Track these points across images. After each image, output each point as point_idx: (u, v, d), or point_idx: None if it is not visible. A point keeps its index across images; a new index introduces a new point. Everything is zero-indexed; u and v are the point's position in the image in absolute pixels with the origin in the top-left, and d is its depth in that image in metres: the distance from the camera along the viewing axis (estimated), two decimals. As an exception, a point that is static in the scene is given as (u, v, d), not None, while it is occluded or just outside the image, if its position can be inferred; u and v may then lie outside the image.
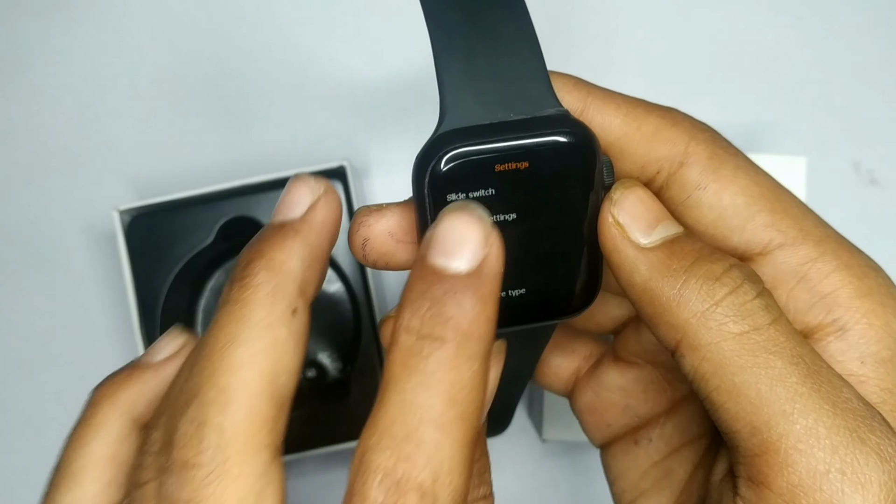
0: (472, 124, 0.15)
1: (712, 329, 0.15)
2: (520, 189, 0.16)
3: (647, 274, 0.16)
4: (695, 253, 0.16)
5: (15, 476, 0.41)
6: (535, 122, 0.15)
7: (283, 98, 0.42)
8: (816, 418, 0.15)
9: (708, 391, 0.15)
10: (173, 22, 0.42)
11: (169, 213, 0.35)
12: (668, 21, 0.42)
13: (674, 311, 0.15)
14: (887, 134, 0.42)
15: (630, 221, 0.16)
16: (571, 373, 0.23)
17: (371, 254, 0.17)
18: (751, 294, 0.15)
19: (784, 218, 0.17)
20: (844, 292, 0.17)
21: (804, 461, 0.14)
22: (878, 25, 0.42)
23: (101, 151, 0.42)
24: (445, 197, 0.15)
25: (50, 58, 0.42)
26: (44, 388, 0.41)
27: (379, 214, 0.17)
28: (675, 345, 0.16)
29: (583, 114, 0.17)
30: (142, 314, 0.35)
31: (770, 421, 0.15)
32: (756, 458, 0.15)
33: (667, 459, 0.20)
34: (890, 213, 0.41)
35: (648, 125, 0.17)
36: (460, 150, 0.15)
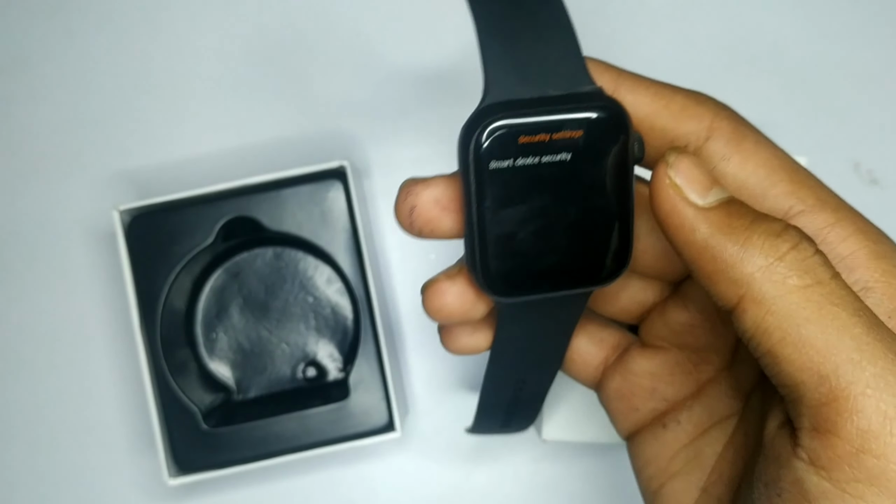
0: (514, 98, 0.16)
1: (777, 282, 0.16)
2: (556, 159, 0.16)
3: (707, 231, 0.16)
4: (751, 213, 0.16)
5: (15, 476, 0.41)
6: (571, 97, 0.16)
7: (284, 97, 0.42)
8: (884, 366, 0.15)
9: (771, 344, 0.16)
10: (173, 22, 0.42)
11: (169, 213, 0.35)
12: (668, 21, 0.42)
13: (738, 266, 0.16)
14: (887, 134, 0.42)
15: (686, 183, 0.17)
16: (600, 362, 0.23)
17: (417, 221, 0.18)
18: (811, 251, 0.16)
19: (802, 187, 0.18)
20: (862, 254, 0.17)
21: (874, 406, 0.15)
22: (878, 25, 0.42)
23: (101, 151, 0.42)
24: (488, 164, 0.16)
25: (50, 57, 0.42)
26: (43, 387, 0.41)
27: (425, 184, 0.18)
28: (736, 300, 0.16)
29: (614, 93, 0.18)
30: (142, 314, 0.35)
31: (838, 369, 0.15)
32: (823, 406, 0.15)
33: (696, 441, 0.21)
34: (890, 213, 0.41)
35: (676, 103, 0.18)
36: (502, 122, 0.16)
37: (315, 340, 0.39)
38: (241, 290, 0.38)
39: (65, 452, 0.41)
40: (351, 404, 0.35)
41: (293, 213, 0.36)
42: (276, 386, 0.38)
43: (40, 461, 0.41)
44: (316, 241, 0.36)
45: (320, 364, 0.39)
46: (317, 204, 0.36)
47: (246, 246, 0.38)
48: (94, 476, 0.41)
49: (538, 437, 0.35)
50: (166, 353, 0.35)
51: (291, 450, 0.35)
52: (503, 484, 0.41)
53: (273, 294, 0.38)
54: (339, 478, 0.41)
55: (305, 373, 0.39)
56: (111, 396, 0.41)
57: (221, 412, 0.37)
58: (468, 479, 0.41)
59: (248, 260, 0.38)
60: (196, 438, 0.35)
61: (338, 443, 0.35)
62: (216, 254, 0.38)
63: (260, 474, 0.41)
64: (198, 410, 0.35)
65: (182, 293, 0.37)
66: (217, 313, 0.38)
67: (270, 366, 0.38)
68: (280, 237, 0.37)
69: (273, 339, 0.38)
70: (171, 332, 0.36)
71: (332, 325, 0.39)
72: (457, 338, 0.21)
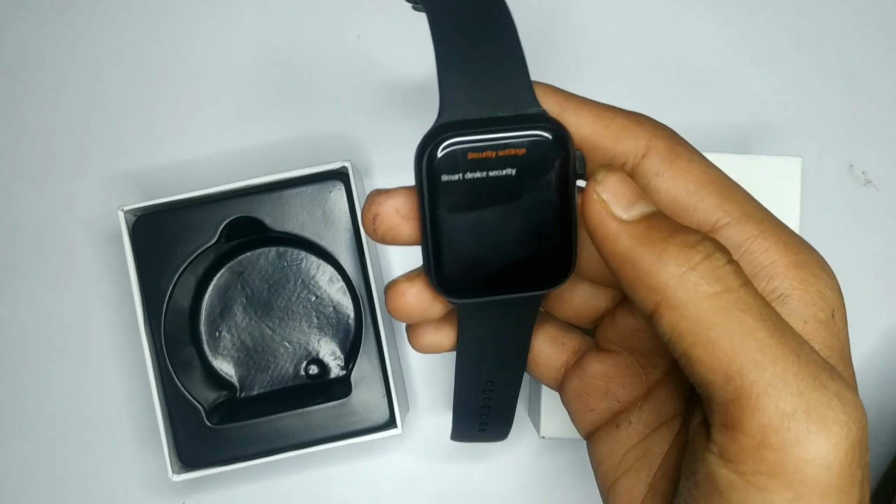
0: (465, 118, 0.18)
1: (689, 289, 0.17)
2: (502, 173, 0.18)
3: (628, 243, 0.18)
4: (670, 226, 0.18)
5: (22, 472, 0.42)
6: (517, 118, 0.18)
7: (287, 99, 0.42)
8: (784, 366, 0.16)
9: (685, 346, 0.17)
10: (177, 24, 0.43)
11: (173, 213, 0.36)
12: (665, 24, 0.42)
13: (654, 274, 0.17)
14: (881, 135, 0.42)
15: (612, 199, 0.18)
16: (561, 364, 0.24)
17: (380, 227, 0.20)
18: (722, 260, 0.17)
19: (730, 201, 0.19)
20: (782, 263, 0.19)
21: (773, 403, 0.16)
22: (871, 28, 0.42)
23: (106, 152, 0.42)
24: (440, 177, 0.18)
25: (55, 59, 0.43)
26: (49, 385, 0.42)
27: (388, 195, 0.20)
28: (654, 306, 0.17)
29: (560, 115, 0.20)
30: (146, 312, 0.36)
31: (742, 369, 0.16)
32: (729, 403, 0.16)
33: (645, 440, 0.22)
34: (883, 214, 0.42)
35: (616, 124, 0.20)
36: (453, 139, 0.18)
37: (317, 338, 0.39)
38: (245, 289, 0.39)
39: (70, 449, 0.41)
40: (353, 401, 0.36)
41: (296, 213, 0.36)
42: (278, 383, 0.39)
43: (46, 458, 0.42)
44: (318, 240, 0.36)
45: (322, 362, 0.39)
46: (319, 204, 0.36)
47: (249, 246, 0.38)
48: (99, 472, 0.41)
49: (537, 435, 0.36)
50: (170, 351, 0.36)
51: (294, 446, 0.35)
52: (503, 479, 0.42)
53: (276, 293, 0.39)
54: (341, 474, 0.41)
55: (308, 370, 0.39)
56: (116, 394, 0.42)
57: (225, 409, 0.37)
58: (468, 474, 0.42)
59: (251, 259, 0.39)
60: (200, 435, 0.36)
61: (340, 439, 0.35)
62: (220, 253, 0.38)
63: (263, 470, 0.41)
64: (202, 407, 0.36)
65: (186, 292, 0.37)
66: (221, 312, 0.39)
67: (273, 364, 0.39)
68: (283, 237, 0.37)
69: (276, 338, 0.39)
70: (175, 330, 0.36)
71: (334, 323, 0.39)
72: (422, 335, 0.22)
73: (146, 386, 0.41)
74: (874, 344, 0.42)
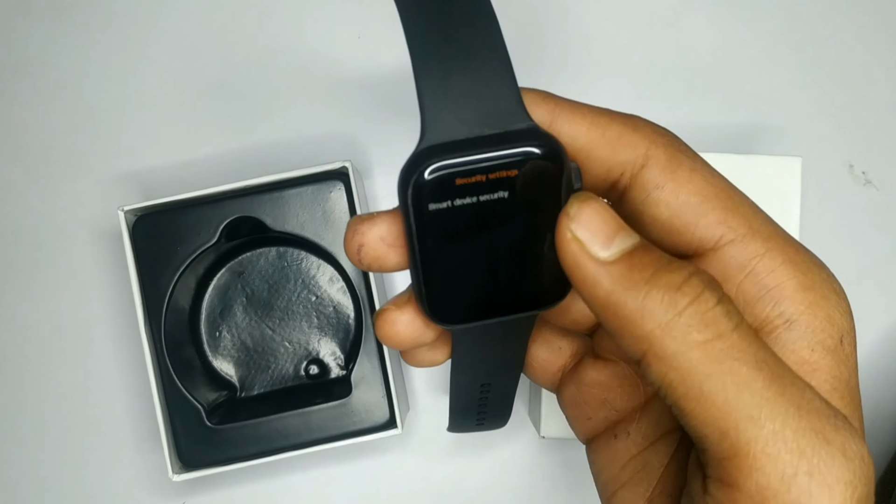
0: (450, 140, 0.16)
1: (677, 339, 0.15)
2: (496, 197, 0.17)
3: (609, 287, 0.16)
4: (654, 263, 0.16)
5: (22, 472, 0.42)
6: (507, 135, 0.17)
7: (287, 99, 0.42)
8: (783, 422, 0.15)
9: (675, 398, 0.16)
10: (178, 24, 0.43)
11: (174, 213, 0.36)
12: (665, 25, 0.42)
13: (638, 323, 0.16)
14: (881, 136, 0.42)
15: (588, 236, 0.16)
16: (558, 368, 0.23)
17: (365, 258, 0.18)
18: (712, 301, 0.16)
19: (735, 216, 0.18)
20: (789, 285, 0.17)
21: (772, 464, 0.15)
22: (871, 28, 0.42)
23: (106, 152, 0.42)
24: (427, 206, 0.17)
25: (56, 59, 0.43)
26: (50, 385, 0.42)
27: (371, 223, 0.18)
28: (640, 355, 0.16)
29: (551, 125, 0.18)
30: (147, 313, 0.36)
31: (738, 426, 0.15)
32: (725, 461, 0.15)
33: (644, 452, 0.21)
34: (883, 214, 0.42)
35: (612, 131, 0.18)
36: (439, 164, 0.16)
37: (317, 339, 0.39)
38: (245, 289, 0.39)
39: (71, 449, 0.42)
40: (353, 401, 0.36)
41: (296, 213, 0.36)
42: (279, 383, 0.39)
43: (46, 458, 0.42)
44: (318, 240, 0.36)
45: (323, 362, 0.39)
46: (319, 204, 0.36)
47: (249, 246, 0.39)
48: (99, 472, 0.41)
49: (537, 435, 0.36)
50: (171, 351, 0.36)
51: (294, 446, 0.35)
52: (503, 479, 0.42)
53: (276, 293, 0.39)
54: (341, 474, 0.42)
55: (308, 370, 0.39)
56: (117, 394, 0.42)
57: (225, 409, 0.37)
58: (468, 474, 0.42)
59: (251, 259, 0.39)
60: (200, 435, 0.36)
61: (340, 439, 0.35)
62: (220, 253, 0.38)
63: (263, 470, 0.41)
64: (202, 408, 0.36)
65: (186, 292, 0.37)
66: (221, 312, 0.39)
67: (273, 364, 0.39)
68: (283, 237, 0.37)
69: (276, 338, 0.39)
70: (175, 330, 0.36)
71: (334, 323, 0.39)
72: (415, 354, 0.21)
73: (146, 386, 0.41)
74: (874, 344, 0.42)
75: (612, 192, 0.19)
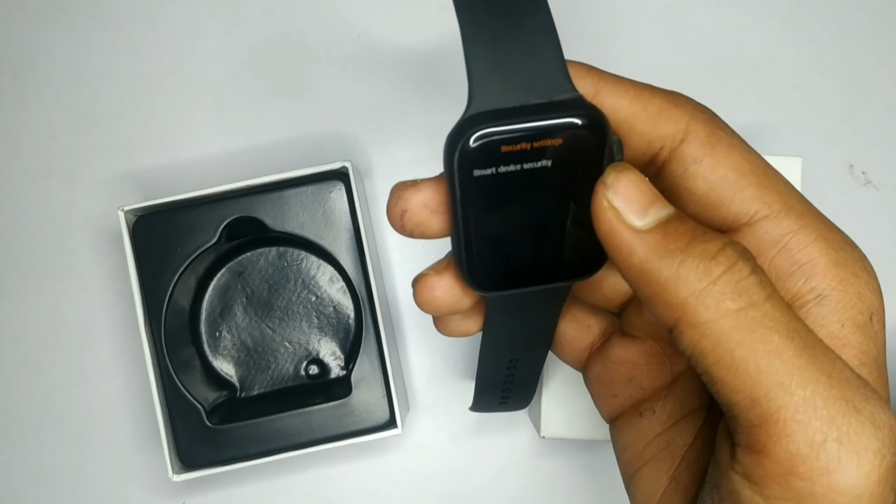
0: (497, 107, 0.17)
1: (710, 306, 0.16)
2: (539, 165, 0.17)
3: (644, 255, 0.16)
4: (689, 233, 0.16)
5: (22, 471, 0.42)
6: (552, 105, 0.17)
7: (287, 99, 0.42)
8: (814, 390, 0.15)
9: (707, 366, 0.16)
10: (177, 25, 0.43)
11: (174, 213, 0.36)
12: (666, 24, 0.42)
13: (672, 290, 0.16)
14: (881, 136, 0.42)
15: (624, 205, 0.17)
16: (586, 346, 0.24)
17: (408, 224, 0.19)
18: (745, 271, 0.16)
19: (770, 192, 0.18)
20: (821, 262, 0.18)
21: (802, 431, 0.15)
22: (871, 28, 0.42)
23: (106, 152, 0.42)
24: (472, 172, 0.17)
25: (55, 59, 0.43)
26: (50, 384, 0.42)
27: (415, 188, 0.18)
28: (673, 322, 0.16)
29: (595, 97, 0.18)
30: (147, 312, 0.36)
31: (769, 393, 0.15)
32: (755, 428, 0.16)
33: (668, 431, 0.21)
34: (884, 214, 0.42)
35: (654, 105, 0.19)
36: (486, 131, 0.16)
37: (317, 338, 0.39)
38: (245, 289, 0.39)
39: (71, 449, 0.42)
40: (353, 401, 0.36)
41: (296, 213, 0.36)
42: (279, 383, 0.39)
43: (46, 457, 0.42)
44: (318, 240, 0.36)
45: (323, 362, 0.39)
46: (319, 204, 0.36)
47: (249, 246, 0.39)
48: (99, 472, 0.41)
49: (537, 435, 0.36)
50: (171, 351, 0.36)
51: (294, 446, 0.35)
52: (503, 479, 0.42)
53: (276, 293, 0.39)
54: (341, 474, 0.42)
55: (308, 370, 0.39)
56: (116, 394, 0.42)
57: (225, 409, 0.37)
58: (469, 474, 0.42)
59: (251, 259, 0.39)
60: (200, 435, 0.36)
61: (340, 439, 0.35)
62: (220, 253, 0.38)
63: (263, 470, 0.41)
64: (202, 408, 0.36)
65: (186, 292, 0.37)
66: (221, 312, 0.39)
67: (273, 364, 0.39)
68: (283, 237, 0.37)
69: (276, 338, 0.39)
70: (175, 330, 0.36)
71: (334, 323, 0.39)
72: (449, 322, 0.21)
73: (146, 386, 0.41)
74: (874, 344, 0.42)
75: (651, 166, 0.19)
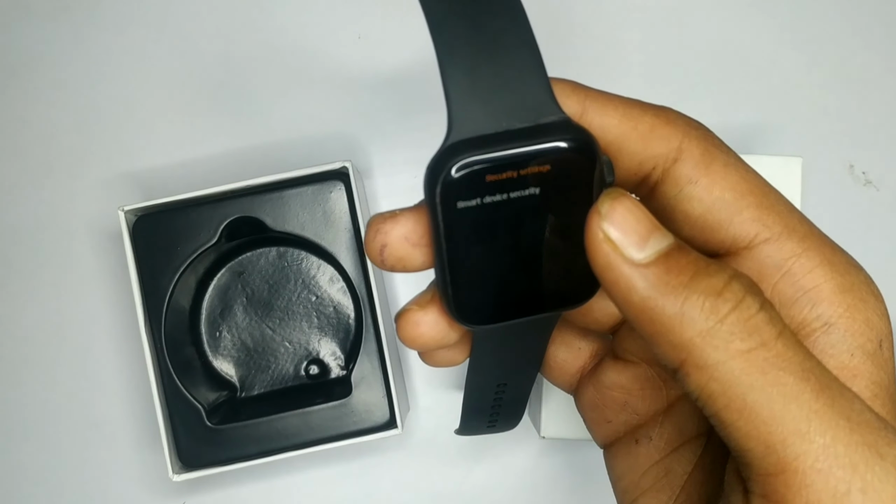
0: (479, 134, 0.16)
1: (719, 347, 0.15)
2: (527, 193, 0.16)
3: (645, 292, 0.15)
4: (692, 266, 0.15)
5: (22, 471, 0.42)
6: (538, 129, 0.16)
7: (287, 99, 0.42)
8: (834, 436, 0.14)
9: (717, 409, 0.15)
10: (178, 24, 0.43)
11: (174, 213, 0.36)
12: (666, 24, 0.42)
13: (676, 330, 0.15)
14: (882, 136, 0.42)
15: (622, 237, 0.15)
16: (577, 369, 0.23)
17: (389, 259, 0.17)
18: (754, 308, 0.15)
19: (770, 214, 0.17)
20: (827, 287, 0.17)
21: (823, 481, 0.14)
22: (871, 28, 0.42)
23: (106, 152, 0.42)
24: (456, 204, 0.16)
25: (56, 59, 0.43)
26: (50, 385, 0.42)
27: (394, 221, 0.17)
28: (678, 364, 0.15)
29: (582, 116, 0.17)
30: (147, 313, 0.36)
31: (786, 440, 0.14)
32: (771, 477, 0.15)
33: (666, 458, 0.20)
34: (884, 214, 0.42)
35: (644, 124, 0.18)
36: (468, 160, 0.16)
37: (318, 339, 0.39)
38: (245, 290, 0.39)
39: (71, 449, 0.42)
40: (353, 401, 0.36)
41: (296, 213, 0.36)
42: (279, 383, 0.39)
43: (47, 457, 0.42)
44: (319, 240, 0.36)
45: (323, 362, 0.39)
46: (320, 204, 0.36)
47: (250, 246, 0.39)
48: (99, 472, 0.41)
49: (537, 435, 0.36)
50: (171, 351, 0.36)
51: (294, 446, 0.35)
52: (503, 479, 0.42)
53: (276, 293, 0.39)
54: (341, 474, 0.42)
55: (308, 370, 0.39)
56: (117, 394, 0.42)
57: (225, 409, 0.37)
58: (469, 474, 0.42)
59: (251, 259, 0.39)
60: (200, 435, 0.36)
61: (340, 440, 0.35)
62: (220, 253, 0.38)
63: (263, 470, 0.41)
64: (202, 408, 0.36)
65: (187, 292, 0.37)
66: (221, 312, 0.39)
67: (274, 364, 0.39)
68: (283, 237, 0.37)
69: (276, 338, 0.39)
70: (175, 330, 0.36)
71: (334, 323, 0.39)
72: (434, 354, 0.20)
73: (146, 386, 0.41)
74: (874, 344, 0.42)
75: (643, 187, 0.18)
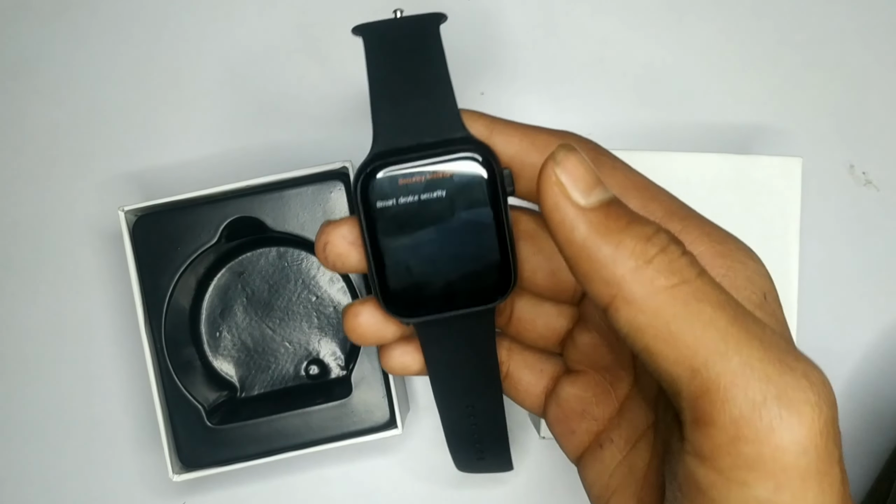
0: (395, 146, 0.19)
1: (646, 283, 0.16)
2: (435, 196, 0.19)
3: (585, 232, 0.17)
4: (627, 216, 0.17)
5: (23, 471, 0.42)
6: (443, 143, 0.19)
7: (287, 99, 0.42)
8: (749, 353, 0.16)
9: (645, 342, 0.17)
10: (178, 24, 0.43)
11: (174, 214, 0.36)
12: (666, 25, 0.42)
13: (610, 267, 0.17)
14: (882, 136, 0.42)
15: (570, 182, 0.17)
16: (541, 391, 0.24)
17: (330, 255, 0.20)
18: (678, 252, 0.17)
19: (653, 202, 0.20)
20: (707, 253, 0.19)
21: (742, 394, 0.16)
22: (871, 28, 0.42)
23: (107, 153, 0.42)
24: (375, 204, 0.19)
25: (56, 59, 0.43)
26: (50, 385, 0.42)
27: (336, 224, 0.20)
28: (609, 300, 0.17)
29: (488, 138, 0.20)
30: (147, 313, 0.36)
31: (707, 361, 0.16)
32: (698, 399, 0.16)
33: (628, 456, 0.22)
34: (884, 214, 0.42)
35: (541, 140, 0.20)
36: (384, 167, 0.19)
37: (318, 339, 0.39)
38: (245, 290, 0.39)
39: (71, 449, 0.42)
40: (353, 402, 0.36)
41: (296, 213, 0.36)
42: (279, 384, 0.39)
43: (47, 457, 0.42)
44: (319, 240, 0.36)
45: (323, 362, 0.39)
46: (320, 204, 0.36)
47: (250, 246, 0.39)
48: (99, 472, 0.42)
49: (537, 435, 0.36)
50: (171, 351, 0.36)
51: (294, 446, 0.35)
52: (503, 479, 0.42)
53: (276, 293, 0.39)
54: (341, 474, 0.42)
55: (308, 371, 0.39)
56: (117, 394, 0.42)
57: (225, 409, 0.37)
58: (468, 475, 0.42)
59: (251, 260, 0.39)
60: (200, 435, 0.36)
61: (340, 440, 0.35)
62: (220, 253, 0.38)
63: (263, 470, 0.41)
64: (202, 408, 0.36)
65: (187, 292, 0.37)
66: (221, 312, 0.39)
67: (274, 364, 0.39)
68: (283, 237, 0.37)
69: (276, 338, 0.39)
70: (175, 330, 0.36)
71: (334, 323, 0.39)
72: (390, 357, 0.23)
73: (146, 386, 0.41)
74: (873, 343, 0.42)
75: None
